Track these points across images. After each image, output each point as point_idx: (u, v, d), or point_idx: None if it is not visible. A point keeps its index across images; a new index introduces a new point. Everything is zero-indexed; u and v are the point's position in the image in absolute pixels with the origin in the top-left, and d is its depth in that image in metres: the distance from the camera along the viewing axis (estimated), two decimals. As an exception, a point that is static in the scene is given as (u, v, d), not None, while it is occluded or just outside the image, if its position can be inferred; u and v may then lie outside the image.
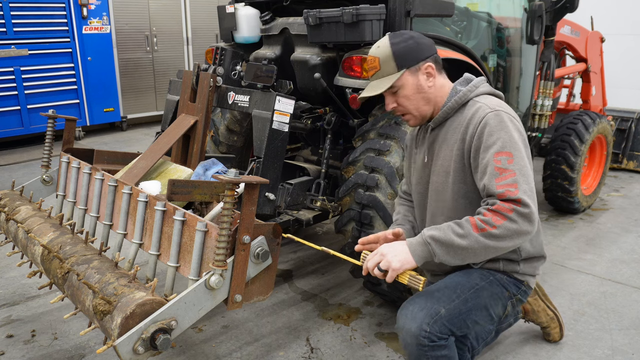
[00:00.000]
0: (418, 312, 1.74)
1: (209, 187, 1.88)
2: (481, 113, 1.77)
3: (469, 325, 1.83)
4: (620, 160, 5.66)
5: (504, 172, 1.65)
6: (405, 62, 1.83)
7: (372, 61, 1.88)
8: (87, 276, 1.86)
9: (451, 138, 1.84)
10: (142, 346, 1.56)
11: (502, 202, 1.63)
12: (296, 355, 2.50)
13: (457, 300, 1.78)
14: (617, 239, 3.89)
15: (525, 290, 1.96)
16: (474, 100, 1.84)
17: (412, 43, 1.84)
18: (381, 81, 1.86)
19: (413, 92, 1.85)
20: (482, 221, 1.63)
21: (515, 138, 1.71)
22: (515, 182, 1.64)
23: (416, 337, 1.71)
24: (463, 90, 1.86)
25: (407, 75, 1.83)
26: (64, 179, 2.67)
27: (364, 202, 2.47)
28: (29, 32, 6.31)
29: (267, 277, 1.90)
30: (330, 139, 2.88)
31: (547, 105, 3.91)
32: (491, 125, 1.72)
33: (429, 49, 1.87)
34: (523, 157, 1.70)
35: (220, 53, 3.04)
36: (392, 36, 1.87)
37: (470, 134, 1.76)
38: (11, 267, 3.36)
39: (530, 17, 3.47)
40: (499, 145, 1.69)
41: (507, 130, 1.71)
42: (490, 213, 1.63)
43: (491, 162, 1.68)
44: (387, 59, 1.83)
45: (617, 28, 6.85)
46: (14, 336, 2.62)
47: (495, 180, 1.65)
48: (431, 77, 1.86)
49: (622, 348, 2.55)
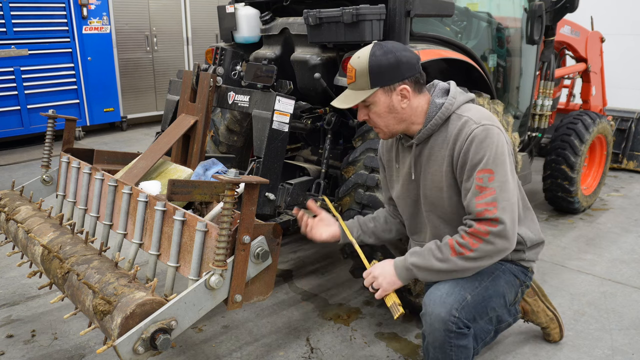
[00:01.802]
0: (447, 298, 1.78)
1: (209, 187, 1.88)
2: (468, 129, 1.77)
3: (488, 312, 1.92)
4: (620, 160, 5.66)
5: (484, 191, 1.72)
6: (379, 81, 1.79)
7: (350, 70, 1.84)
8: (87, 276, 1.86)
9: (438, 154, 1.85)
10: (142, 346, 1.56)
11: (479, 223, 1.72)
12: (296, 355, 2.51)
13: (479, 288, 1.85)
14: (617, 239, 3.89)
15: (530, 276, 2.07)
16: (456, 114, 1.83)
17: (393, 61, 1.77)
18: (354, 94, 1.84)
19: (384, 111, 1.83)
20: (460, 245, 1.74)
21: (500, 153, 1.75)
22: (494, 200, 1.72)
23: (445, 322, 1.76)
24: (445, 105, 1.83)
25: (380, 93, 1.80)
26: (64, 179, 2.67)
27: (364, 202, 2.47)
28: (29, 32, 6.31)
29: (267, 277, 1.90)
30: (330, 139, 2.88)
31: (547, 105, 3.91)
32: (477, 141, 1.74)
33: (410, 68, 1.81)
34: (505, 173, 1.75)
35: (220, 53, 3.04)
36: (375, 48, 1.80)
37: (458, 150, 1.78)
38: (11, 267, 3.36)
39: (530, 17, 3.47)
40: (483, 162, 1.74)
41: (492, 146, 1.74)
42: (467, 236, 1.73)
43: (474, 181, 1.74)
44: (362, 73, 1.79)
45: (617, 28, 6.85)
46: (14, 336, 2.63)
47: (476, 199, 1.74)
48: (405, 99, 1.82)
49: (622, 348, 2.55)
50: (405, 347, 2.55)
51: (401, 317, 1.83)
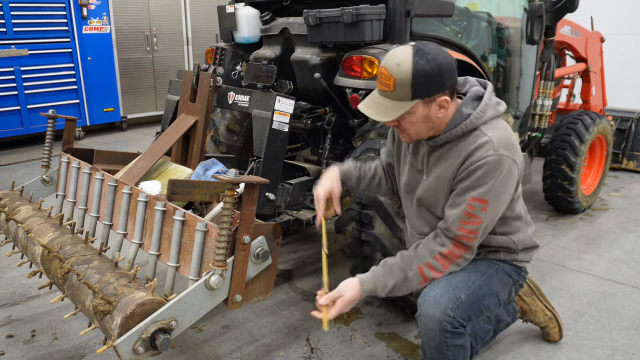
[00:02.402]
0: (441, 298, 1.79)
1: (209, 187, 1.88)
2: (483, 152, 1.70)
3: (482, 311, 1.91)
4: (620, 160, 5.66)
5: (472, 218, 1.74)
6: (422, 93, 1.66)
7: (387, 78, 1.67)
8: (87, 276, 1.86)
9: (449, 160, 1.80)
10: (142, 346, 1.57)
11: (455, 246, 1.77)
12: (296, 355, 2.51)
13: (473, 287, 1.85)
14: (617, 239, 3.89)
15: (524, 275, 2.07)
16: (481, 129, 1.74)
17: (435, 69, 1.64)
18: (392, 105, 1.70)
19: (420, 120, 1.73)
20: (432, 267, 1.79)
21: (502, 187, 1.73)
22: (477, 229, 1.75)
23: (440, 322, 1.76)
24: (470, 119, 1.74)
25: (420, 105, 1.69)
26: (64, 179, 2.67)
27: (364, 202, 2.47)
28: (29, 32, 6.31)
29: (267, 277, 1.91)
30: (330, 139, 2.88)
31: (547, 105, 3.91)
32: (485, 169, 1.71)
33: (450, 76, 1.69)
34: (499, 205, 1.77)
35: (220, 53, 3.04)
36: (417, 54, 1.64)
37: (466, 166, 1.74)
38: (11, 267, 3.36)
39: (530, 17, 3.47)
40: (481, 191, 1.72)
41: (498, 178, 1.71)
42: (441, 258, 1.79)
43: (465, 203, 1.74)
44: (403, 84, 1.65)
45: (617, 28, 6.85)
46: (14, 336, 2.63)
47: (460, 222, 1.75)
48: (443, 109, 1.72)
49: (622, 348, 2.55)
50: (405, 347, 2.55)
51: (330, 325, 1.83)
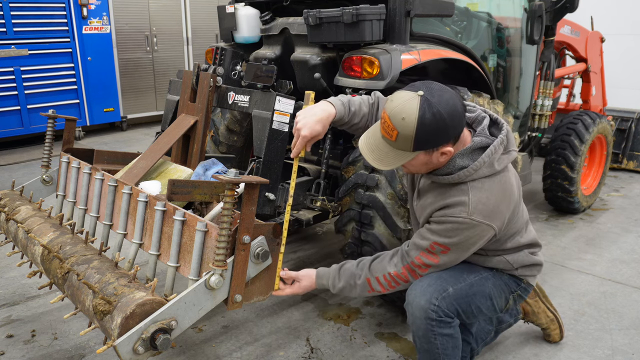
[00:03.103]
0: (427, 288, 1.82)
1: (209, 187, 1.88)
2: (456, 212, 1.71)
3: (474, 310, 1.91)
4: (620, 160, 5.66)
5: (431, 254, 1.81)
6: (424, 147, 1.65)
7: (390, 129, 1.64)
8: (87, 276, 1.86)
9: (430, 198, 1.83)
10: (142, 346, 1.56)
11: (405, 268, 1.86)
12: (296, 355, 2.51)
13: (463, 283, 1.88)
14: (617, 239, 3.89)
15: (525, 287, 2.04)
16: (467, 185, 1.72)
17: (441, 124, 1.60)
18: (391, 153, 1.69)
19: (420, 164, 1.74)
20: (379, 283, 1.89)
21: (466, 244, 1.77)
22: (431, 265, 1.83)
23: (425, 310, 1.79)
24: (459, 174, 1.72)
25: (421, 155, 1.69)
26: (64, 179, 2.67)
27: (364, 202, 2.47)
28: (29, 32, 6.31)
29: (267, 277, 1.91)
30: (330, 138, 2.87)
31: (547, 105, 3.91)
32: (455, 226, 1.73)
33: (456, 127, 1.65)
34: (458, 257, 1.83)
35: (220, 53, 3.04)
36: (423, 107, 1.58)
37: (439, 214, 1.77)
38: (11, 267, 3.36)
39: (530, 17, 3.47)
40: (445, 240, 1.76)
41: (463, 237, 1.74)
42: (389, 279, 1.88)
43: (428, 243, 1.79)
44: (405, 138, 1.62)
45: (617, 28, 6.85)
46: (14, 336, 2.63)
47: (420, 253, 1.82)
48: (445, 156, 1.71)
49: (622, 348, 2.55)
50: (405, 347, 2.55)
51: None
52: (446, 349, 1.84)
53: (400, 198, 2.40)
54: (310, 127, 1.90)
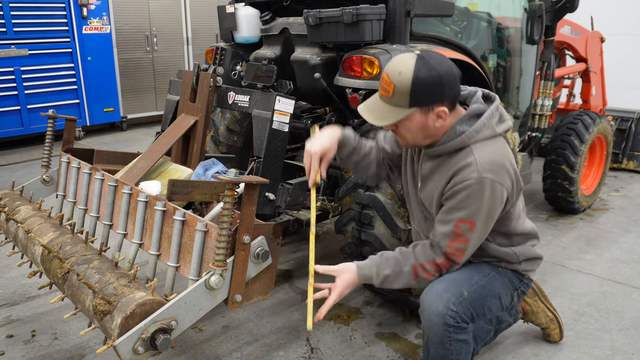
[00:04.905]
0: (444, 293, 1.80)
1: (209, 187, 1.88)
2: (466, 174, 1.71)
3: (485, 311, 1.92)
4: (620, 160, 5.66)
5: (459, 237, 1.76)
6: (420, 102, 1.68)
7: (387, 84, 1.70)
8: (87, 276, 1.86)
9: (437, 178, 1.82)
10: (142, 346, 1.57)
11: (444, 261, 1.80)
12: (296, 355, 2.51)
13: (475, 286, 1.88)
14: (617, 239, 3.89)
15: (527, 283, 2.07)
16: (471, 148, 1.74)
17: (437, 80, 1.66)
18: (389, 110, 1.72)
19: (417, 128, 1.74)
20: (425, 270, 1.81)
21: (487, 207, 1.73)
22: (464, 248, 1.78)
23: (443, 316, 1.77)
24: (461, 137, 1.74)
25: (417, 113, 1.70)
26: (64, 179, 2.67)
27: (364, 202, 2.47)
28: (29, 32, 6.31)
29: (267, 277, 1.91)
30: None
31: (547, 105, 3.91)
32: (469, 192, 1.71)
33: (451, 88, 1.70)
34: (486, 226, 1.79)
35: (220, 53, 3.04)
36: (419, 63, 1.66)
37: (450, 186, 1.75)
38: (11, 267, 3.36)
39: (530, 17, 3.47)
40: (466, 213, 1.73)
41: (481, 200, 1.71)
42: (435, 265, 1.81)
43: (453, 225, 1.76)
44: (402, 92, 1.67)
45: (617, 28, 6.85)
46: (14, 336, 2.63)
47: (449, 241, 1.77)
48: (440, 119, 1.73)
49: (622, 348, 2.55)
50: (405, 347, 2.55)
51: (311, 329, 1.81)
52: (460, 355, 1.82)
53: (400, 198, 2.40)
54: (318, 143, 1.91)
